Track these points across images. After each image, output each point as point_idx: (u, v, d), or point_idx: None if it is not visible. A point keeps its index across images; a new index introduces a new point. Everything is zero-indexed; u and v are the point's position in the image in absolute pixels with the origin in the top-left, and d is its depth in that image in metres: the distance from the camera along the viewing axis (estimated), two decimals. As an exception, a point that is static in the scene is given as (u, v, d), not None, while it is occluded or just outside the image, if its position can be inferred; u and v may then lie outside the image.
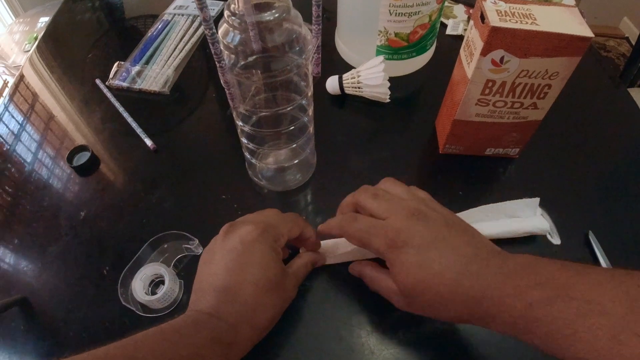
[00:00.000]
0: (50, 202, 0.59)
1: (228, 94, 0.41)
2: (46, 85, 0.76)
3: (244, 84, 0.41)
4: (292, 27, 0.39)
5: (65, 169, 0.62)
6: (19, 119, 0.71)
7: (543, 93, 0.49)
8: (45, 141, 0.67)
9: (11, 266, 0.54)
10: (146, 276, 0.48)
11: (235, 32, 0.38)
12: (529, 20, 0.44)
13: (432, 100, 0.64)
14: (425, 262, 0.37)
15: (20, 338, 0.48)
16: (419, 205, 0.41)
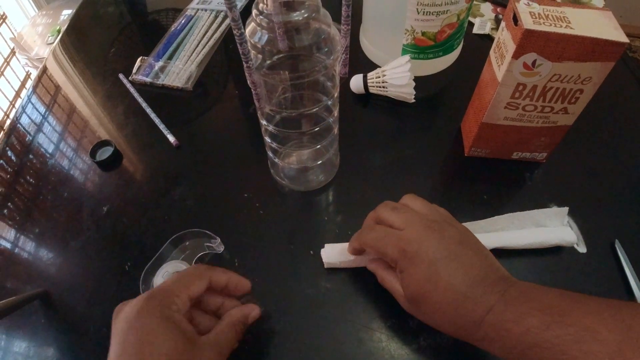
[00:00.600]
0: (73, 196, 0.59)
1: (254, 94, 0.40)
2: (69, 78, 0.76)
3: (270, 84, 0.40)
4: (320, 27, 0.38)
5: (88, 164, 0.62)
6: (42, 112, 0.71)
7: (574, 98, 0.48)
8: (68, 135, 0.67)
9: (33, 259, 0.54)
10: (168, 273, 0.48)
11: (263, 32, 0.37)
12: (563, 24, 0.42)
13: (457, 101, 0.63)
14: (433, 277, 0.38)
15: (40, 332, 0.48)
16: (436, 219, 0.42)
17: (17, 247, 0.55)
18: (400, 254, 0.39)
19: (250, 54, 0.36)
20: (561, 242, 0.49)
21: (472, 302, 0.36)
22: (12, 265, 0.54)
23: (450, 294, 0.37)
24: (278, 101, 0.43)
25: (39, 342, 0.48)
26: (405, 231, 0.40)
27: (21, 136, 0.68)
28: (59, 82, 0.76)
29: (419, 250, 0.39)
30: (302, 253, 0.51)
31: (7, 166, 0.64)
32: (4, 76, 1.55)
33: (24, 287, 0.52)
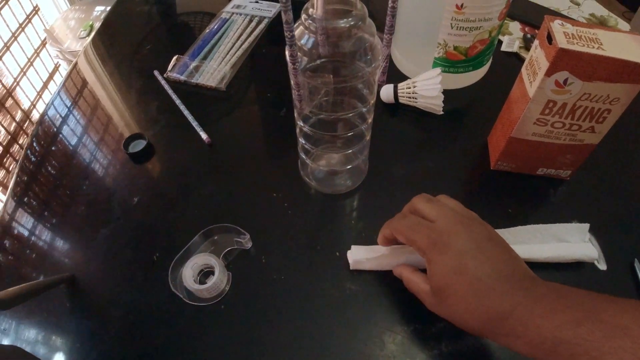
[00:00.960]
0: (105, 185, 0.61)
1: (296, 95, 0.42)
2: (103, 73, 0.79)
3: (314, 86, 0.42)
4: (365, 36, 0.40)
5: (121, 156, 0.64)
6: (75, 105, 0.73)
7: (602, 117, 0.49)
8: (102, 127, 0.69)
9: (62, 245, 0.56)
10: (196, 265, 0.49)
11: (310, 35, 0.39)
12: (595, 45, 0.44)
13: (484, 115, 0.64)
14: (461, 268, 0.38)
15: (64, 316, 0.49)
16: (468, 216, 0.43)
17: (48, 232, 0.57)
18: (430, 243, 0.40)
19: (297, 56, 0.38)
20: (582, 257, 0.49)
21: (499, 295, 0.36)
22: (40, 251, 0.55)
23: (477, 286, 0.37)
24: (318, 103, 0.44)
25: (62, 326, 0.49)
26: (437, 223, 0.42)
27: (51, 128, 0.70)
28: (91, 77, 0.78)
29: (448, 241, 0.40)
30: (327, 254, 0.52)
31: (40, 156, 0.66)
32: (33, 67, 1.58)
33: (52, 271, 0.53)
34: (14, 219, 0.59)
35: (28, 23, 1.59)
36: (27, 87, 1.58)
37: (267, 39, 0.83)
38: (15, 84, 1.50)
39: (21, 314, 0.50)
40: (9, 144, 1.49)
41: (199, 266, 0.50)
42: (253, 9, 0.86)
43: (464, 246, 0.39)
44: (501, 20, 0.61)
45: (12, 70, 1.50)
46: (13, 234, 0.58)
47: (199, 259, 0.50)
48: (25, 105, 1.57)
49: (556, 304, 0.34)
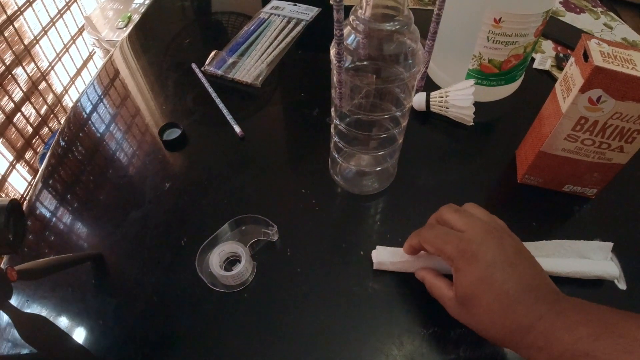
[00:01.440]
0: (139, 170, 0.63)
1: (337, 93, 0.43)
2: (139, 65, 0.81)
3: (356, 85, 0.43)
4: (408, 41, 0.41)
5: (155, 143, 0.66)
6: (110, 93, 0.76)
7: (632, 137, 0.49)
8: (138, 115, 0.71)
9: (92, 223, 0.58)
10: (224, 252, 0.51)
11: (357, 36, 0.40)
12: (629, 65, 0.44)
13: (513, 129, 0.64)
14: (489, 279, 0.39)
15: (89, 292, 0.51)
16: (496, 227, 0.43)
17: (79, 213, 0.59)
18: (459, 253, 0.41)
19: (344, 54, 0.39)
20: (604, 274, 0.50)
21: (524, 307, 0.37)
22: (72, 228, 0.57)
23: (503, 297, 0.38)
24: (357, 103, 0.45)
25: (87, 302, 0.50)
26: (466, 233, 0.42)
27: (84, 114, 0.73)
28: (132, 64, 0.80)
29: (477, 251, 0.40)
30: (352, 252, 0.53)
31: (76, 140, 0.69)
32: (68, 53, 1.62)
33: (80, 249, 0.55)
34: (41, 200, 0.61)
35: (67, 10, 1.64)
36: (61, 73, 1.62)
37: (303, 41, 0.84)
38: (50, 68, 1.54)
39: (45, 287, 0.51)
40: (39, 127, 1.53)
41: (226, 253, 0.51)
42: (291, 11, 0.89)
43: (493, 258, 0.40)
44: (537, 37, 0.62)
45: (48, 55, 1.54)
46: (40, 215, 0.59)
47: (227, 247, 0.51)
48: (58, 89, 1.61)
49: (577, 318, 0.35)
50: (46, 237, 0.57)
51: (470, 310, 0.41)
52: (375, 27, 0.40)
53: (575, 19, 0.91)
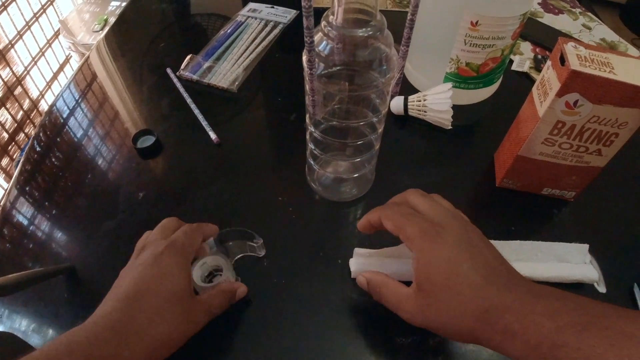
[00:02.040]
0: (111, 179, 0.62)
1: (310, 100, 0.42)
2: (114, 68, 0.79)
3: (329, 93, 0.42)
4: (381, 46, 0.40)
5: (129, 151, 0.64)
6: (85, 99, 0.74)
7: (609, 141, 0.49)
8: (111, 121, 0.69)
9: (64, 235, 0.56)
10: (206, 265, 0.48)
11: (329, 42, 0.39)
12: (607, 69, 0.44)
13: (492, 132, 0.64)
14: (455, 258, 0.36)
15: (62, 306, 0.49)
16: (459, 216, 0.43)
17: (50, 223, 0.57)
18: (422, 232, 0.38)
19: (315, 62, 0.38)
20: (583, 278, 0.50)
21: (496, 288, 0.34)
22: (43, 239, 0.56)
23: (473, 277, 0.35)
24: (331, 110, 0.44)
25: (60, 316, 0.49)
26: (429, 215, 0.41)
27: (59, 119, 0.71)
28: (103, 72, 0.78)
29: (441, 231, 0.38)
30: (330, 261, 0.52)
31: (47, 147, 0.67)
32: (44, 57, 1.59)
33: (52, 260, 0.53)
34: (17, 207, 0.59)
35: (42, 13, 1.61)
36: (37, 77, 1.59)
37: (281, 44, 0.83)
38: (25, 73, 1.51)
39: (18, 302, 0.50)
40: (15, 132, 1.50)
41: (209, 267, 0.49)
42: (268, 14, 0.87)
43: (459, 239, 0.37)
44: (514, 39, 0.62)
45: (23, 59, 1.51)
46: (15, 223, 0.58)
47: (210, 260, 0.48)
48: (34, 94, 1.58)
49: (559, 305, 0.32)
50: (18, 247, 0.55)
51: (434, 296, 0.37)
52: (348, 33, 0.39)
53: (554, 20, 0.92)
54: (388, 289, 0.41)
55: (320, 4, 0.93)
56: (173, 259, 0.41)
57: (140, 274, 0.40)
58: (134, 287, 0.39)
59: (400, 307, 0.40)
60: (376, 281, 0.43)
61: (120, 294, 0.39)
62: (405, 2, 0.95)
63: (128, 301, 0.38)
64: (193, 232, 0.46)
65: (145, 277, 0.40)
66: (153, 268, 0.40)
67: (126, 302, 0.38)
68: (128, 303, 0.38)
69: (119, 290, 0.40)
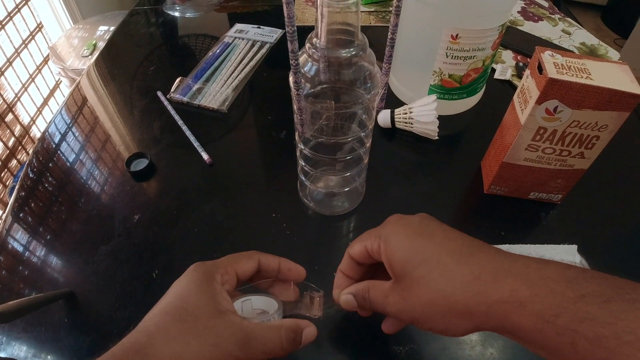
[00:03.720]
0: (106, 203, 0.62)
1: (299, 119, 0.43)
2: (105, 93, 0.80)
3: (316, 112, 0.44)
4: (365, 64, 0.42)
5: (123, 174, 0.65)
6: (77, 124, 0.75)
7: (591, 144, 0.51)
8: (105, 146, 0.70)
9: (62, 260, 0.56)
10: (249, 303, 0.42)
11: (314, 63, 0.41)
12: (583, 75, 0.46)
13: (478, 140, 0.66)
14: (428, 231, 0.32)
15: (63, 331, 0.50)
16: None
17: (46, 249, 0.58)
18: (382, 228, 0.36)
19: (302, 82, 0.40)
20: None
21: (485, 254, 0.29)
22: (40, 266, 0.56)
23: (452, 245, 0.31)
24: (319, 127, 0.46)
25: (60, 342, 0.49)
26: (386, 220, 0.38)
27: (54, 145, 0.72)
28: (94, 97, 0.79)
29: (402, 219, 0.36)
30: (326, 274, 0.52)
31: (42, 172, 0.68)
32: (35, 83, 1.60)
33: (51, 286, 0.54)
34: (13, 235, 0.60)
35: (31, 40, 1.62)
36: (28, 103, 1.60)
37: (268, 63, 0.85)
38: (16, 100, 1.52)
39: (18, 328, 0.50)
40: (7, 159, 1.50)
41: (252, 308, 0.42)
42: (255, 34, 0.89)
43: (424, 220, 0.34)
44: (494, 49, 0.63)
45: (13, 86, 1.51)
46: (11, 250, 0.58)
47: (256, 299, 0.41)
48: (25, 120, 1.59)
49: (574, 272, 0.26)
50: (16, 274, 0.55)
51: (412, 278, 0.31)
52: (332, 53, 0.40)
53: (534, 28, 0.94)
54: (373, 289, 0.37)
55: (304, 22, 0.94)
56: (192, 276, 0.36)
57: (164, 296, 0.36)
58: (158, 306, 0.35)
59: (386, 304, 0.35)
60: (361, 288, 0.38)
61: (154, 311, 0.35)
62: (388, 18, 0.97)
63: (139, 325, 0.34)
64: (240, 254, 0.40)
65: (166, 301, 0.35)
66: (171, 290, 0.36)
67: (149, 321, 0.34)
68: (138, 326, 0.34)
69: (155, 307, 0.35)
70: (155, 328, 0.32)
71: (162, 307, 0.34)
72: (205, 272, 0.36)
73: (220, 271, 0.36)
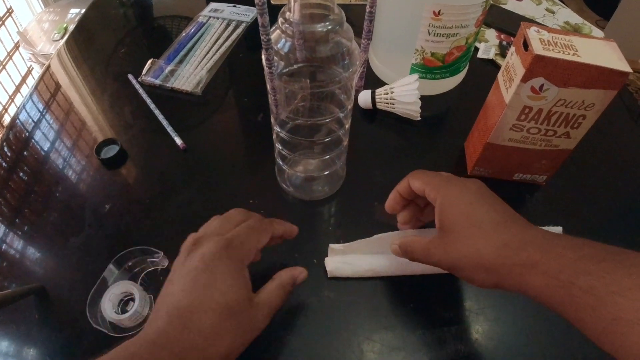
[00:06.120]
0: (76, 192, 0.59)
1: (273, 100, 0.41)
2: (75, 76, 0.77)
3: (290, 91, 0.41)
4: (342, 40, 0.39)
5: (93, 162, 0.62)
6: (42, 108, 0.71)
7: (577, 123, 0.50)
8: (73, 132, 0.67)
9: (31, 254, 0.54)
10: (114, 295, 0.46)
11: (287, 39, 0.38)
12: (570, 51, 0.44)
13: (461, 121, 0.64)
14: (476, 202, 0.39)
15: (34, 328, 0.48)
16: None
17: (16, 241, 0.55)
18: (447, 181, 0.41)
19: (274, 60, 0.37)
20: None
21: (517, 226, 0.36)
22: (9, 260, 0.53)
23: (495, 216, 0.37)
24: (295, 108, 0.43)
25: (32, 338, 0.47)
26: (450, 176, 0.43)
27: (23, 132, 0.68)
28: (66, 80, 0.76)
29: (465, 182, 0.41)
30: (305, 262, 0.51)
31: (10, 161, 0.64)
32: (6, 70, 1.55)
33: (20, 282, 0.51)
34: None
35: (1, 25, 1.56)
36: None
37: (245, 43, 0.82)
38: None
39: (-13, 326, 0.48)
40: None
41: (118, 296, 0.47)
42: (230, 13, 0.86)
43: (479, 189, 0.40)
44: (478, 27, 0.61)
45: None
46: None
47: (116, 289, 0.47)
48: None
49: (581, 241, 0.33)
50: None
51: (457, 234, 0.38)
52: (307, 28, 0.38)
53: (517, 6, 0.92)
54: (416, 243, 0.42)
55: (279, 1, 0.91)
56: (226, 265, 0.37)
57: (192, 281, 0.36)
58: (186, 300, 0.35)
59: (429, 255, 0.40)
60: (405, 242, 0.43)
61: (172, 307, 0.36)
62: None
63: (181, 318, 0.35)
64: (259, 229, 0.42)
65: (197, 287, 0.36)
66: (204, 275, 0.36)
67: (180, 319, 0.35)
68: (182, 320, 0.35)
69: (171, 300, 0.36)
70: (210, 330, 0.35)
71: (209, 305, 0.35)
72: (239, 260, 0.39)
73: (249, 257, 0.40)
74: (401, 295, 0.49)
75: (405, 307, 0.48)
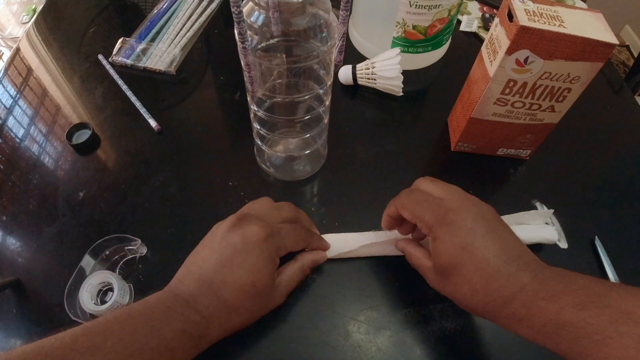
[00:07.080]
0: (48, 180, 0.57)
1: (248, 77, 0.39)
2: (45, 59, 0.73)
3: (266, 67, 0.39)
4: (319, 12, 0.38)
5: (64, 147, 0.60)
6: (14, 94, 0.68)
7: (562, 96, 0.49)
8: (43, 117, 0.64)
9: (4, 247, 0.52)
10: (92, 286, 0.45)
11: (261, 12, 0.36)
12: (556, 22, 0.43)
13: (444, 96, 0.63)
14: (469, 247, 0.37)
15: (12, 322, 0.46)
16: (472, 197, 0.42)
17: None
18: (438, 219, 0.39)
19: (247, 34, 0.35)
20: (542, 240, 0.49)
21: (505, 277, 0.36)
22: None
23: (485, 266, 0.36)
24: (271, 86, 0.42)
25: (10, 333, 0.46)
26: (444, 200, 0.40)
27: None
28: (34, 64, 0.72)
29: (457, 218, 0.38)
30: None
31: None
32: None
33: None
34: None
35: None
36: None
37: (220, 19, 0.79)
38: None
39: (-36, 321, 0.46)
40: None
41: (96, 286, 0.46)
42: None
43: (473, 224, 0.38)
44: (460, -2, 0.60)
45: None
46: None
47: (94, 279, 0.46)
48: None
49: (560, 287, 0.34)
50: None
51: (450, 279, 0.39)
52: (281, 0, 0.36)
53: (498, -23, 0.90)
54: (415, 259, 0.44)
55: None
56: (262, 251, 0.40)
57: (227, 258, 0.40)
58: (220, 274, 0.39)
59: (425, 275, 0.43)
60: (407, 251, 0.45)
61: (206, 276, 0.39)
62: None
63: (212, 289, 0.39)
64: (302, 236, 0.45)
65: (232, 265, 0.39)
66: (240, 256, 0.40)
67: (211, 289, 0.39)
68: (212, 290, 0.39)
69: (206, 268, 0.40)
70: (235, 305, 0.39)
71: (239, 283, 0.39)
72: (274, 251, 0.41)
73: (283, 252, 0.43)
74: (386, 274, 0.48)
75: (390, 286, 0.48)
